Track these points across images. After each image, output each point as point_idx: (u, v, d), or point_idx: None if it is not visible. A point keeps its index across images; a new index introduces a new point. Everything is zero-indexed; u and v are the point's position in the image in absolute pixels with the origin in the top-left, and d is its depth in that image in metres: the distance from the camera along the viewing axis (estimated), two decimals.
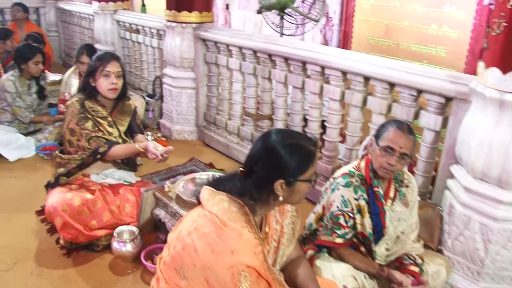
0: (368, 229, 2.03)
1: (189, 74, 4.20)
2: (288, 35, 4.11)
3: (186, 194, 2.43)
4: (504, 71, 1.87)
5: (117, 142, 2.78)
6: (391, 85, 2.63)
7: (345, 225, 2.01)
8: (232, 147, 3.94)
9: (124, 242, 2.50)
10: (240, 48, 3.60)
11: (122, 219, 2.69)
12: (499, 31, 1.90)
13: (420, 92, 2.49)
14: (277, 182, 1.48)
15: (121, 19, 5.37)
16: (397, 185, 2.10)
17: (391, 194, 2.08)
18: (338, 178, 2.09)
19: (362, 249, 2.10)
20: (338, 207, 2.02)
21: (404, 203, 2.10)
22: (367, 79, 2.75)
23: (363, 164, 2.08)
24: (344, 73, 2.86)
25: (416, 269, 2.03)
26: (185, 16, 3.98)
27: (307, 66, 3.08)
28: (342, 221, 2.02)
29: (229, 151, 3.99)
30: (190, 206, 2.33)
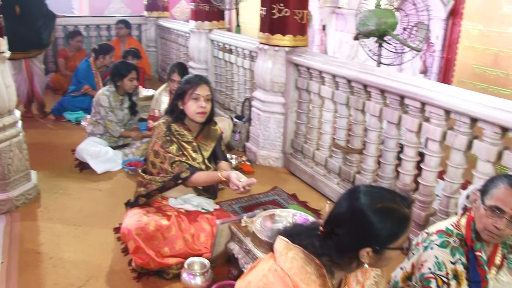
0: None
1: (278, 99, 4.14)
2: (386, 64, 3.91)
3: (263, 233, 2.33)
4: None
5: (200, 168, 2.78)
6: (504, 129, 2.35)
7: None
8: (317, 179, 3.80)
9: (194, 275, 2.45)
10: (334, 76, 3.48)
11: (196, 248, 2.66)
12: None
13: None
14: (363, 250, 1.33)
15: (215, 38, 5.49)
16: (505, 251, 1.84)
17: (497, 261, 1.82)
18: (432, 235, 1.87)
19: None
20: (430, 269, 1.80)
21: None
22: (474, 120, 2.48)
23: (463, 221, 1.85)
24: (447, 112, 2.62)
25: None
26: (278, 39, 3.94)
27: (406, 101, 2.88)
28: (433, 285, 1.79)
29: (314, 183, 3.85)
30: (266, 246, 2.23)
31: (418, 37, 3.76)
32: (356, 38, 3.88)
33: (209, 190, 2.99)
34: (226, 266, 2.70)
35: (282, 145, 4.25)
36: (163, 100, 4.48)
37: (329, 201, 3.56)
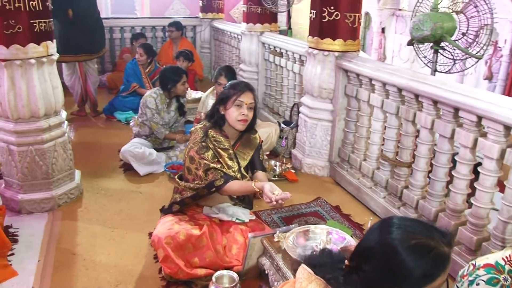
0: None
1: (326, 106, 3.98)
2: (442, 72, 3.65)
3: (295, 250, 2.20)
4: None
5: (235, 177, 2.70)
6: None
7: None
8: (363, 191, 3.61)
9: None
10: (384, 84, 3.28)
11: (226, 260, 2.58)
12: None
13: None
14: None
15: (266, 41, 5.39)
16: None
17: None
18: (480, 269, 1.67)
19: None
20: None
21: None
22: None
23: None
24: (507, 128, 2.37)
25: None
26: (328, 44, 3.78)
27: (460, 114, 2.64)
28: None
29: (360, 195, 3.67)
30: (296, 265, 2.09)
31: (479, 43, 3.48)
32: (410, 43, 3.65)
33: (245, 200, 2.90)
34: (257, 281, 2.60)
35: (329, 153, 4.09)
36: (210, 103, 4.43)
37: (373, 217, 3.38)
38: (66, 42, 5.16)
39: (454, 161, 2.84)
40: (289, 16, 5.96)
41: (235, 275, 2.42)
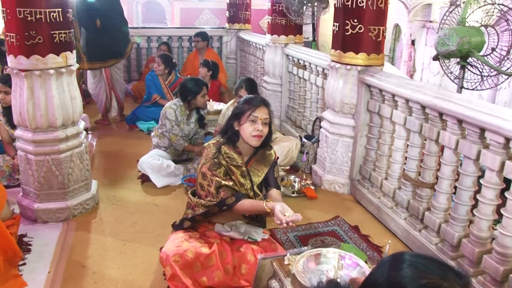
0: None
1: (348, 121, 3.87)
2: (469, 88, 3.49)
3: (304, 276, 2.10)
4: None
5: (247, 195, 2.62)
6: None
7: None
8: (383, 211, 3.48)
9: None
10: (407, 101, 3.15)
11: (236, 280, 2.50)
12: None
13: None
14: None
15: (290, 53, 5.32)
16: None
17: None
18: None
19: None
20: None
21: None
22: None
23: None
24: None
25: None
26: (351, 58, 3.68)
27: (487, 134, 2.50)
28: None
29: (380, 215, 3.53)
30: None
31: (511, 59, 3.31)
32: (436, 58, 3.50)
33: (258, 218, 2.81)
34: None
35: (350, 170, 3.97)
36: None
37: (392, 239, 3.25)
38: (94, 50, 5.30)
39: (480, 184, 2.69)
40: (313, 28, 5.87)
41: None
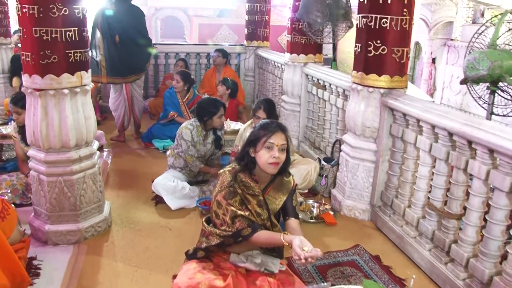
0: None
1: (369, 145, 3.73)
2: (499, 115, 3.33)
3: None
4: None
5: (264, 225, 2.51)
6: None
7: None
8: (406, 241, 3.32)
9: None
10: (433, 127, 3.01)
11: None
12: None
13: None
14: None
15: (310, 72, 5.22)
16: None
17: None
18: None
19: None
20: None
21: None
22: None
23: None
24: None
25: None
26: (373, 80, 3.56)
27: None
28: None
29: (402, 244, 3.37)
30: None
31: None
32: (463, 82, 3.36)
33: (274, 248, 2.67)
34: None
35: (371, 196, 3.82)
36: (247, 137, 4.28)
37: (417, 273, 3.09)
38: (115, 65, 5.31)
39: None
40: (334, 48, 5.77)
41: None
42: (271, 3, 7.68)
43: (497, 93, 3.28)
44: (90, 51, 5.42)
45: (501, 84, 3.21)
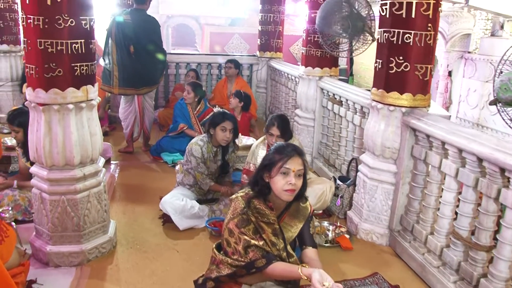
0: None
1: (389, 167, 3.55)
2: None
3: None
4: None
5: (279, 256, 2.35)
6: None
7: None
8: (428, 270, 3.12)
9: None
10: (460, 150, 2.83)
11: None
12: None
13: None
14: None
15: (325, 87, 5.04)
16: None
17: None
18: None
19: None
20: None
21: None
22: None
23: None
24: None
25: None
26: (394, 98, 3.39)
27: None
28: None
29: (424, 274, 3.18)
30: None
31: None
32: (494, 103, 3.18)
33: (290, 280, 2.50)
34: None
35: (389, 220, 3.63)
36: (260, 154, 4.13)
37: None
38: (128, 76, 5.22)
39: None
40: (351, 63, 5.61)
41: None
42: (284, 13, 7.54)
43: None
44: (103, 59, 5.32)
45: None
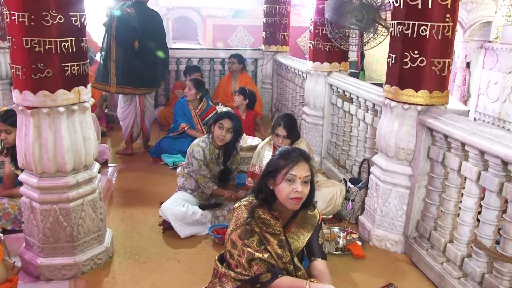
0: None
1: (404, 169, 3.43)
2: None
3: None
4: None
5: (285, 269, 2.25)
6: None
7: None
8: (448, 281, 3.00)
9: None
10: (482, 153, 2.70)
11: None
12: None
13: None
14: None
15: (334, 83, 4.92)
16: None
17: None
18: None
19: None
20: None
21: None
22: None
23: None
24: None
25: None
26: (409, 96, 3.26)
27: None
28: None
29: (443, 285, 3.05)
30: None
31: None
32: None
33: None
34: None
35: (404, 226, 3.51)
36: (266, 156, 4.02)
37: None
38: (127, 73, 5.14)
39: None
40: (362, 57, 5.47)
41: None
42: (290, 4, 7.40)
43: None
44: (100, 54, 5.22)
45: None
